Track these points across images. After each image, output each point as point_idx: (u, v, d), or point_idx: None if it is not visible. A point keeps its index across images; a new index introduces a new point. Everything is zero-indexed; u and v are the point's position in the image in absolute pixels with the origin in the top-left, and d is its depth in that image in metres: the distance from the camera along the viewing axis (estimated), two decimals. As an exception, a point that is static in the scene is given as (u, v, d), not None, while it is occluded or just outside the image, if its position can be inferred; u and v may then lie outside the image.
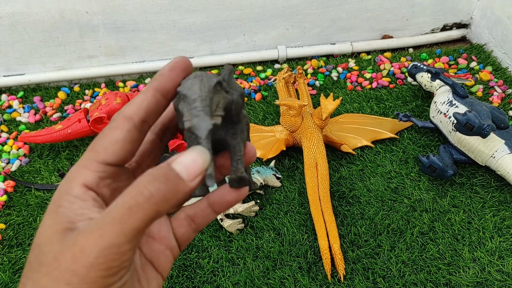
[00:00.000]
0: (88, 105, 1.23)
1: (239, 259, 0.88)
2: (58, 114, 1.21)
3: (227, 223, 0.91)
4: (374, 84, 1.26)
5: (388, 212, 0.94)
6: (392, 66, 1.32)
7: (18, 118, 1.20)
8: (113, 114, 1.00)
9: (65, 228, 0.24)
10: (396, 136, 1.09)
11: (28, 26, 1.24)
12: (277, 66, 1.37)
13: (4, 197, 0.99)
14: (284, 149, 1.02)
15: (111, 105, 1.01)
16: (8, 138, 1.14)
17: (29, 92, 1.29)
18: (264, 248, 0.89)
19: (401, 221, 0.92)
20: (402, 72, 1.30)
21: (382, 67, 1.33)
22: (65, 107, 1.24)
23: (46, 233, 0.24)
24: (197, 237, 0.91)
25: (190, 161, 0.24)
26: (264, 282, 0.84)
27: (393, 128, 1.11)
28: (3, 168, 1.06)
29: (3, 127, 1.17)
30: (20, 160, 1.08)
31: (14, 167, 1.07)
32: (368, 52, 1.41)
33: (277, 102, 1.03)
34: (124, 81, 1.33)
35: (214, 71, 1.31)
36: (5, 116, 1.20)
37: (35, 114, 1.21)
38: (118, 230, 0.22)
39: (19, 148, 1.11)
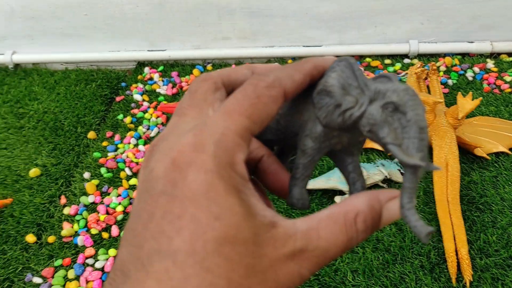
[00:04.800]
0: (220, 83, 1.31)
1: (358, 248, 0.89)
2: (193, 89, 1.30)
3: (349, 211, 0.92)
4: (514, 88, 1.18)
5: (523, 224, 0.88)
6: (536, 70, 1.23)
7: (157, 90, 1.31)
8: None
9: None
10: (537, 146, 1.01)
11: (174, 6, 1.34)
12: (406, 61, 1.34)
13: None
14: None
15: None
16: (148, 107, 1.25)
17: (168, 67, 1.40)
18: (385, 241, 0.89)
19: (538, 235, 0.86)
20: (547, 78, 1.20)
21: (525, 70, 1.24)
22: (200, 84, 1.32)
23: None
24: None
25: None
26: (384, 275, 0.84)
27: (535, 137, 1.03)
28: (144, 133, 1.17)
29: (145, 97, 1.29)
30: (159, 128, 1.19)
31: (153, 133, 1.17)
32: (510, 54, 1.32)
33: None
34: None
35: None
36: (147, 87, 1.32)
37: (172, 87, 1.32)
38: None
39: (158, 117, 1.22)
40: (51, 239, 0.94)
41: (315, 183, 0.97)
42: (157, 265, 0.19)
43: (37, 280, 0.88)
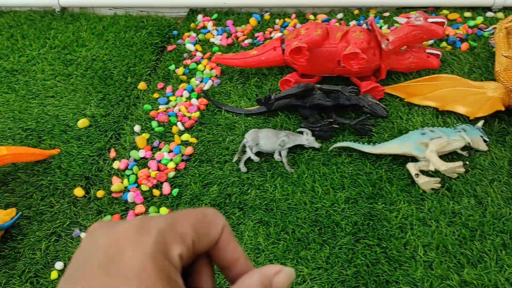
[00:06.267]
0: (278, 34, 1.21)
1: (432, 221, 0.80)
2: (249, 40, 1.20)
3: (422, 180, 0.83)
4: None
5: None
6: None
7: (211, 40, 1.23)
8: (312, 45, 0.94)
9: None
10: None
11: None
12: (489, 14, 1.19)
13: (197, 114, 1.03)
14: (503, 108, 0.88)
15: (311, 35, 0.96)
16: (202, 58, 1.17)
17: (222, 16, 1.30)
18: (462, 215, 0.80)
19: None
20: None
21: None
22: (256, 34, 1.22)
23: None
24: (385, 187, 0.85)
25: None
26: (459, 251, 0.75)
27: None
28: (197, 86, 1.10)
29: (198, 47, 1.21)
30: (212, 81, 1.11)
31: (206, 86, 1.10)
32: None
33: (505, 53, 0.88)
34: (314, 14, 1.27)
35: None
36: (200, 36, 1.24)
37: (227, 37, 1.23)
38: None
39: (212, 69, 1.14)
40: (100, 193, 0.90)
41: (386, 148, 0.88)
42: None
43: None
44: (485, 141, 0.87)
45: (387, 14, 1.23)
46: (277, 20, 1.26)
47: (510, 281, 0.71)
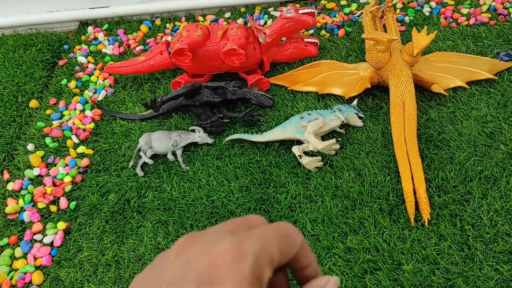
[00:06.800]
0: (169, 38, 1.23)
1: (317, 197, 0.86)
2: (140, 47, 1.22)
3: (305, 160, 0.89)
4: (472, 21, 1.14)
5: (481, 158, 0.87)
6: (494, 1, 1.19)
7: (103, 50, 1.23)
8: (194, 46, 0.97)
9: None
10: (494, 77, 0.99)
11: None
12: (363, 0, 1.28)
13: (92, 125, 1.04)
14: (369, 86, 0.97)
15: (192, 36, 1.00)
16: (94, 69, 1.18)
17: (113, 25, 1.31)
18: (343, 188, 0.87)
19: (496, 168, 0.85)
20: (505, 8, 1.16)
21: (482, 1, 1.19)
22: (147, 40, 1.25)
23: None
24: (275, 172, 0.91)
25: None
26: (343, 221, 0.82)
27: (491, 69, 1.00)
28: (90, 97, 1.11)
29: (90, 58, 1.21)
30: (106, 91, 1.12)
31: (100, 96, 1.10)
32: (467, -15, 1.27)
33: (364, 35, 0.96)
34: (204, 15, 1.31)
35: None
36: (92, 48, 1.24)
37: (119, 46, 1.24)
38: None
39: (105, 79, 1.15)
40: (-5, 217, 0.89)
41: (271, 135, 0.93)
42: None
43: (-17, 260, 0.83)
44: (360, 117, 0.95)
45: (271, 9, 1.30)
46: (167, 25, 1.29)
47: (387, 241, 0.79)
